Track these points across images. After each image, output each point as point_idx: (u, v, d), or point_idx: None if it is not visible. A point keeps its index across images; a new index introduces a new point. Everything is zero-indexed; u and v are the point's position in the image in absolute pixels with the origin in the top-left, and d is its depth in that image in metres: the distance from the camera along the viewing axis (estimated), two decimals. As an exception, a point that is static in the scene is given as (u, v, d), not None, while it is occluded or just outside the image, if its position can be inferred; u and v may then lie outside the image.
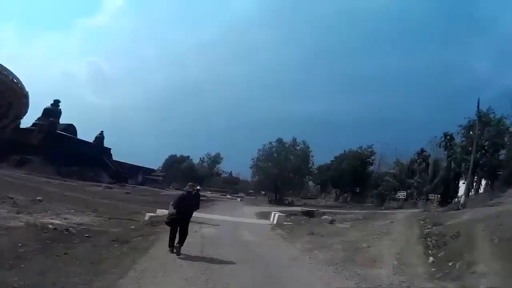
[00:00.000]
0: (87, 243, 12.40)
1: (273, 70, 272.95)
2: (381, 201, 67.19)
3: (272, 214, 26.81)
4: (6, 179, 44.71)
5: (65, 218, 17.80)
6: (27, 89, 39.50)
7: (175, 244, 11.65)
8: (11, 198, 22.75)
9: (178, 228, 11.80)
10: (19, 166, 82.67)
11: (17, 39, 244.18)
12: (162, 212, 21.20)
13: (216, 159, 78.78)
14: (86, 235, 13.63)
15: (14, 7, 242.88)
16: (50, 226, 13.97)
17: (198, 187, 13.08)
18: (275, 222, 24.50)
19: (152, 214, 22.36)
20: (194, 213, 12.85)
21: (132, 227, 17.28)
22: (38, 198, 25.03)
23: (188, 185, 12.67)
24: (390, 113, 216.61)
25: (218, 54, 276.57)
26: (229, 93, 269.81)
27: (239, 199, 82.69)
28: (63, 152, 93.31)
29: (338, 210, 46.40)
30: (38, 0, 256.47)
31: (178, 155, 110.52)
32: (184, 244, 11.80)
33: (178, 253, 11.35)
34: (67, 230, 13.93)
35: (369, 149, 78.70)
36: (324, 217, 28.83)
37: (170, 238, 11.93)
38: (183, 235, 11.81)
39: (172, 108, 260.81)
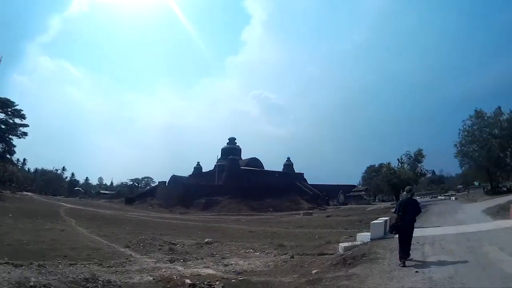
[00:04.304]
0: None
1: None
2: None
3: None
4: (183, 223, 47.31)
5: (226, 265, 16.14)
6: None
7: (400, 254, 11.63)
8: (173, 243, 22.60)
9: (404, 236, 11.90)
10: (206, 208, 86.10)
11: (176, 96, 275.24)
12: (364, 237, 17.70)
13: (417, 158, 70.21)
14: None
15: (163, 67, 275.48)
16: (188, 281, 11.93)
17: (412, 191, 13.34)
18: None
19: (347, 244, 17.20)
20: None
21: (314, 271, 12.60)
22: (206, 240, 24.46)
23: (405, 191, 13.44)
24: None
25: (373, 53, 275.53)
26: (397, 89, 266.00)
27: (453, 197, 73.57)
28: (250, 186, 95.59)
29: None
30: (181, 55, 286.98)
31: (376, 165, 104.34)
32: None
33: (402, 264, 11.12)
34: (210, 286, 11.71)
35: None
36: None
37: (400, 248, 11.80)
38: (408, 243, 11.93)
39: (352, 117, 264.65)
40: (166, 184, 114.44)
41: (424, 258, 11.74)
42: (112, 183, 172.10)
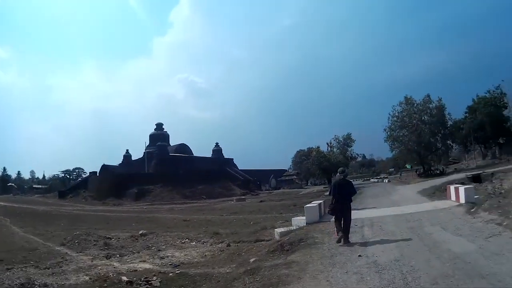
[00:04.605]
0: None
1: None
2: None
3: (451, 190, 19.72)
4: (117, 215, 46.13)
5: (163, 258, 15.87)
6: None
7: (339, 234, 11.84)
8: (108, 238, 22.03)
9: (342, 218, 11.99)
10: (138, 198, 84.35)
11: (103, 77, 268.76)
12: (299, 221, 17.38)
13: (346, 142, 71.55)
14: None
15: (89, 47, 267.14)
16: (125, 278, 11.57)
17: (345, 172, 13.20)
18: (463, 201, 17.15)
19: (283, 229, 16.68)
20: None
21: (253, 259, 12.22)
22: (140, 232, 23.84)
23: (338, 172, 13.12)
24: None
25: (307, 35, 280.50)
26: (330, 71, 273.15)
27: (386, 180, 77.76)
28: (181, 173, 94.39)
29: (502, 168, 39.47)
30: (108, 35, 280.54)
31: (305, 149, 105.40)
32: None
33: (345, 242, 11.44)
34: (147, 282, 11.37)
35: (498, 91, 66.32)
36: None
37: (336, 226, 12.20)
38: (347, 226, 11.95)
39: (279, 101, 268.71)
40: (97, 174, 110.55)
41: (365, 241, 11.45)
42: (44, 176, 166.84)
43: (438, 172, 61.48)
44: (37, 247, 20.00)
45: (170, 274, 12.23)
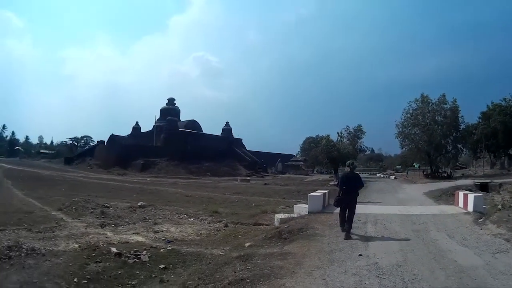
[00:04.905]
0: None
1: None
2: None
3: (459, 196, 18.74)
4: (120, 185, 46.59)
5: (157, 232, 15.64)
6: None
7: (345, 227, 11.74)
8: (106, 206, 22.01)
9: (347, 210, 12.01)
10: (144, 170, 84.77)
11: (117, 51, 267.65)
12: (301, 209, 16.86)
13: (357, 134, 70.37)
14: (162, 266, 10.53)
15: (105, 20, 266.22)
16: (114, 249, 11.27)
17: (354, 165, 13.22)
18: (471, 209, 16.30)
19: (283, 216, 16.24)
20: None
21: (248, 244, 11.77)
22: (139, 204, 23.87)
23: (347, 165, 13.29)
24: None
25: (322, 25, 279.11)
26: (343, 63, 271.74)
27: (392, 177, 76.02)
28: (188, 149, 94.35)
29: (510, 179, 38.58)
30: (124, 9, 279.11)
31: (315, 136, 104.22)
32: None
33: (347, 236, 11.28)
34: (136, 256, 11.06)
35: None
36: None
37: (340, 217, 12.23)
38: (351, 216, 11.93)
39: (292, 88, 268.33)
40: (105, 144, 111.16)
41: (367, 239, 10.81)
42: (52, 142, 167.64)
43: (445, 175, 60.51)
44: (34, 210, 20.14)
45: (162, 250, 11.93)
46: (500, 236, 10.92)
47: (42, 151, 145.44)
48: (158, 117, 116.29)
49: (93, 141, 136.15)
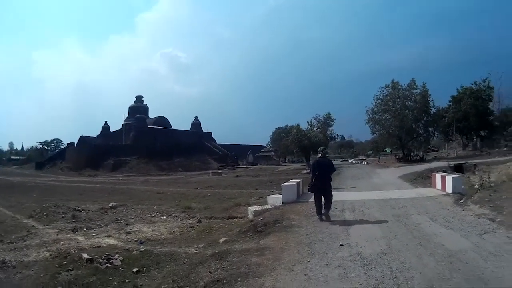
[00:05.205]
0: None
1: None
2: None
3: (437, 178, 18.59)
4: (91, 186, 45.22)
5: (129, 233, 15.09)
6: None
7: (322, 212, 12.01)
8: (78, 210, 21.38)
9: (323, 195, 12.29)
10: (115, 169, 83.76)
11: (86, 52, 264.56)
12: (275, 200, 16.26)
13: (326, 121, 70.53)
14: (135, 269, 9.82)
15: (72, 22, 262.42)
16: (85, 255, 10.77)
17: (325, 150, 13.71)
18: (450, 191, 16.09)
19: (257, 208, 15.79)
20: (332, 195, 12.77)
21: (222, 240, 11.32)
22: (110, 205, 23.18)
23: (318, 151, 13.45)
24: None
25: (291, 16, 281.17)
26: (312, 53, 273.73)
27: (365, 162, 76.21)
28: (158, 146, 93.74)
29: (483, 160, 39.37)
30: (91, 9, 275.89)
31: (284, 126, 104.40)
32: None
33: (328, 219, 11.75)
34: (108, 260, 10.49)
35: (485, 83, 65.93)
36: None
37: (316, 205, 12.33)
38: (328, 200, 12.29)
39: (262, 80, 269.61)
40: (75, 146, 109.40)
41: (346, 228, 10.33)
42: (23, 147, 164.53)
43: (418, 158, 61.25)
44: (5, 220, 19.21)
45: (134, 252, 11.43)
46: (484, 216, 10.72)
47: (13, 157, 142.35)
48: (127, 115, 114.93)
49: (63, 143, 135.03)
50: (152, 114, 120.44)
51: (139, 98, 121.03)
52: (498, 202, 12.08)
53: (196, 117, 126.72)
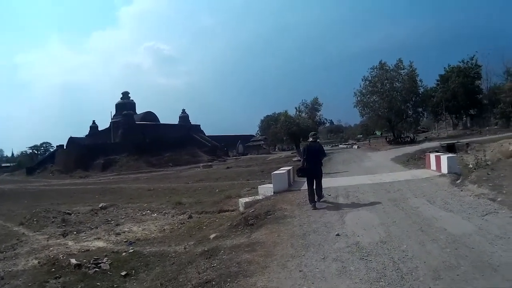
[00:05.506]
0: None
1: None
2: (507, 121, 59.18)
3: (431, 159, 18.14)
4: (82, 188, 44.92)
5: (119, 234, 15.12)
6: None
7: (315, 200, 11.78)
8: (68, 213, 20.98)
9: (314, 181, 12.08)
10: (105, 169, 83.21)
11: (69, 51, 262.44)
12: (266, 190, 15.96)
13: (314, 106, 70.28)
14: (124, 273, 9.66)
15: (54, 21, 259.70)
16: (73, 261, 10.63)
17: (316, 135, 13.58)
18: (445, 171, 15.63)
19: (248, 199, 15.25)
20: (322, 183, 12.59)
21: (213, 235, 10.78)
22: (100, 205, 23.04)
23: (309, 136, 13.37)
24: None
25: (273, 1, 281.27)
26: (297, 38, 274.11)
27: (355, 146, 75.30)
28: (147, 141, 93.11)
29: (475, 139, 39.37)
30: (72, 6, 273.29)
31: (273, 114, 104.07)
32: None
33: (321, 205, 11.56)
34: (97, 265, 10.40)
35: (473, 61, 65.69)
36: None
37: (309, 193, 11.97)
38: (319, 187, 12.17)
39: (248, 68, 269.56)
40: (64, 148, 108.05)
41: (341, 216, 9.78)
42: (13, 153, 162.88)
43: (408, 139, 60.66)
44: None
45: (123, 254, 11.20)
46: (484, 196, 10.23)
47: (3, 164, 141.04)
48: (114, 113, 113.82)
49: (53, 146, 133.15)
50: (140, 109, 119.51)
51: (125, 95, 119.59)
52: (496, 181, 11.55)
53: (183, 110, 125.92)
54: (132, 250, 11.41)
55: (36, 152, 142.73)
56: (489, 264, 5.58)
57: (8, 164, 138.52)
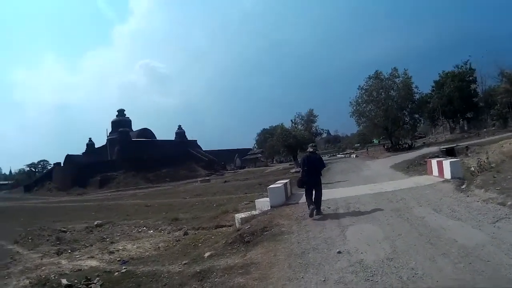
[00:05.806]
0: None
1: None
2: (504, 122, 60.49)
3: (433, 164, 17.60)
4: (78, 205, 45.20)
5: (113, 252, 14.85)
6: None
7: (311, 207, 11.79)
8: (63, 231, 21.56)
9: (314, 190, 12.10)
10: (102, 186, 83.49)
11: (64, 70, 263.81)
12: (263, 204, 15.16)
13: (310, 118, 70.83)
14: None
15: (49, 40, 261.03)
16: (64, 281, 10.44)
17: (315, 146, 13.32)
18: (448, 176, 15.06)
19: (244, 215, 14.58)
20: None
21: (207, 254, 10.22)
22: (96, 223, 23.32)
23: (309, 146, 13.08)
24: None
25: (267, 18, 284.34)
26: (291, 53, 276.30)
27: (354, 155, 76.71)
28: (144, 158, 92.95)
29: (473, 141, 39.48)
30: (66, 26, 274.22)
31: (269, 127, 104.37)
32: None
33: (318, 214, 11.65)
34: (88, 285, 10.12)
35: (467, 66, 66.96)
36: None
37: (308, 203, 12.04)
38: (318, 197, 12.11)
39: (243, 83, 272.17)
40: (61, 165, 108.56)
41: (342, 230, 9.15)
42: (11, 171, 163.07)
43: (406, 146, 61.11)
44: None
45: (116, 274, 10.78)
46: (493, 201, 9.59)
47: (1, 182, 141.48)
48: (110, 130, 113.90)
49: (50, 164, 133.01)
50: (136, 127, 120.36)
51: (121, 112, 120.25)
52: (504, 183, 10.92)
53: (179, 126, 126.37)
54: (124, 270, 10.99)
55: (33, 169, 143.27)
56: (509, 280, 5.03)
57: (6, 182, 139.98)
